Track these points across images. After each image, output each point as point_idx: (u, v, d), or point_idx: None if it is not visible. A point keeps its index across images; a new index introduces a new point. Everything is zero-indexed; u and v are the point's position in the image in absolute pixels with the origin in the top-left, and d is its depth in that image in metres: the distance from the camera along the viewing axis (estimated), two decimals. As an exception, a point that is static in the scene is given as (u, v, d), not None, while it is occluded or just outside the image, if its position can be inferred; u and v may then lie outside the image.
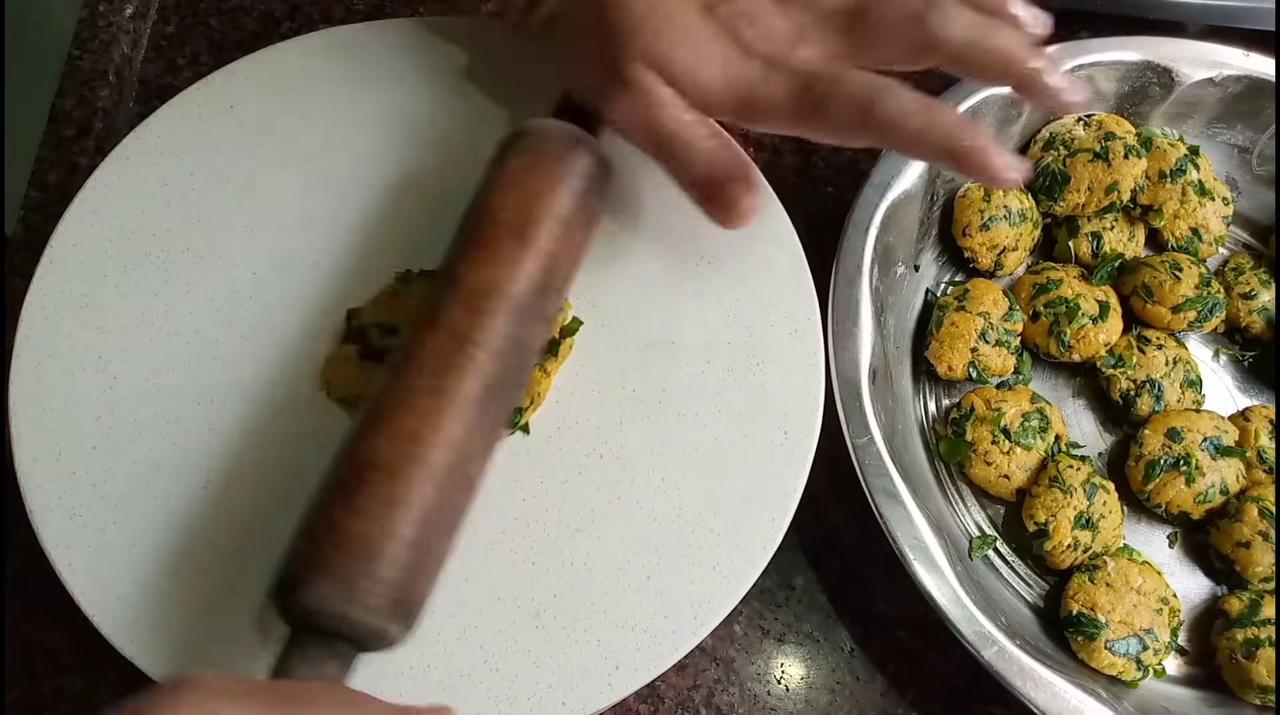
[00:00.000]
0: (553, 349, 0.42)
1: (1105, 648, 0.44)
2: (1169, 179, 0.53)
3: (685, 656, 0.38)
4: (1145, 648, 0.45)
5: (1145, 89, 0.55)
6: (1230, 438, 0.49)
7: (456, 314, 0.35)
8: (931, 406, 0.51)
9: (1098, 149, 0.52)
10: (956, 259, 0.54)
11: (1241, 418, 0.51)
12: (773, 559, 0.40)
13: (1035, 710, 0.41)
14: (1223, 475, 0.48)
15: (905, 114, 0.35)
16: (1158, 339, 0.52)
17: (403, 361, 0.35)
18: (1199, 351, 0.54)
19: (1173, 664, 0.48)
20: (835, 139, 0.37)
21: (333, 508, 0.32)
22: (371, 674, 0.36)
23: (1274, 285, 0.54)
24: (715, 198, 0.38)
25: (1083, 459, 0.48)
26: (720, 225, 0.38)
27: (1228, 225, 0.55)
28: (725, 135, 0.38)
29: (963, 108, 0.51)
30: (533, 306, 0.36)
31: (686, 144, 0.37)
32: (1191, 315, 0.51)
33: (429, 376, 0.34)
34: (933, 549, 0.43)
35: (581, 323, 0.43)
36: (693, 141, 0.37)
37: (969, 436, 0.48)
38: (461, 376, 0.34)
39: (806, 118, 0.36)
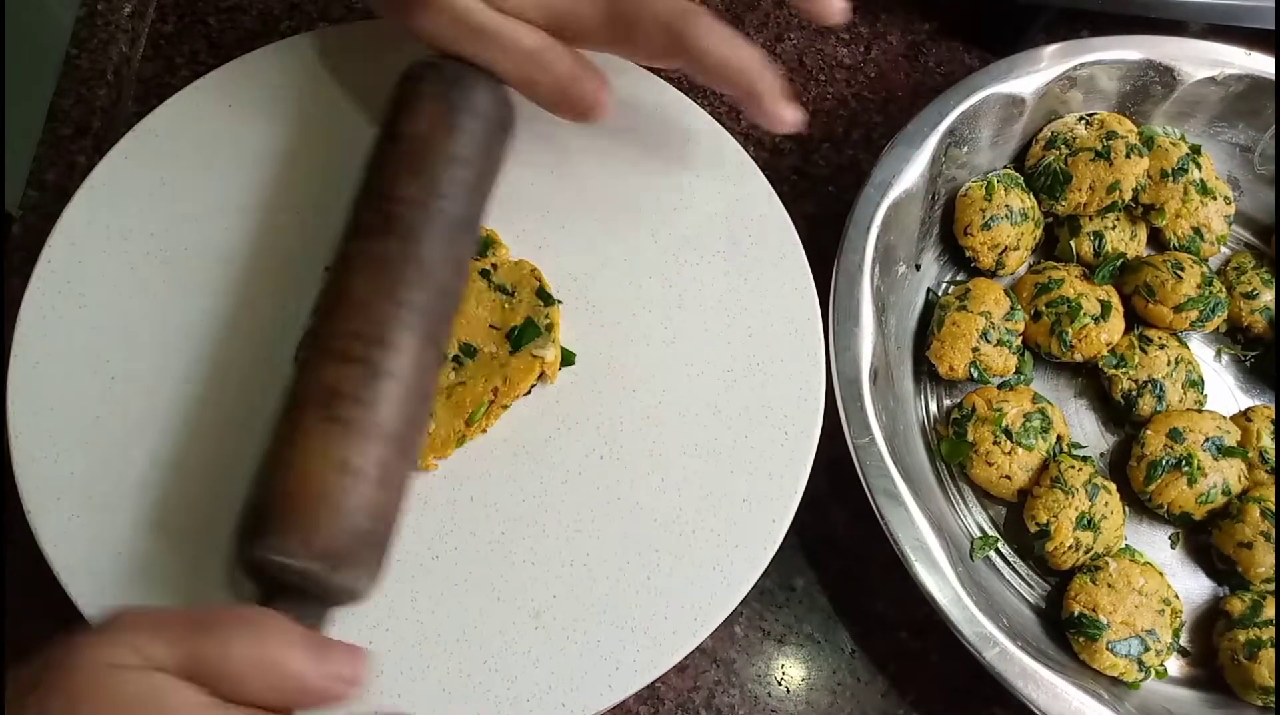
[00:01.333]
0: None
1: (1107, 649, 0.44)
2: (1171, 178, 0.52)
3: (685, 657, 0.38)
4: (1147, 649, 0.45)
5: (1147, 88, 0.55)
6: (1232, 438, 0.49)
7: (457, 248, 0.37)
8: (933, 406, 0.51)
9: (1099, 148, 0.52)
10: (958, 258, 0.53)
11: (1243, 418, 0.51)
12: (773, 560, 0.40)
13: (1037, 711, 0.41)
14: (1225, 475, 0.48)
15: (711, 43, 0.36)
16: (1160, 339, 0.51)
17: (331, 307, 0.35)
18: (1201, 351, 0.54)
19: (1174, 665, 0.48)
20: (645, 60, 0.38)
21: (283, 450, 0.33)
22: (373, 674, 0.36)
23: (1276, 285, 0.54)
24: (561, 99, 0.38)
25: (1084, 459, 0.48)
26: (577, 122, 0.39)
27: (1229, 224, 0.55)
28: (546, 36, 0.37)
29: (964, 107, 0.51)
30: (454, 218, 0.37)
31: (513, 46, 0.37)
32: (1193, 315, 0.51)
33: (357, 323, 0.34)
34: (934, 550, 0.43)
35: (575, 356, 0.42)
36: (518, 40, 0.37)
37: (970, 437, 0.48)
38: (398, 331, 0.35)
39: (619, 39, 0.37)
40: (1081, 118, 0.54)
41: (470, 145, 0.38)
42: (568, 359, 0.42)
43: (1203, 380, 0.52)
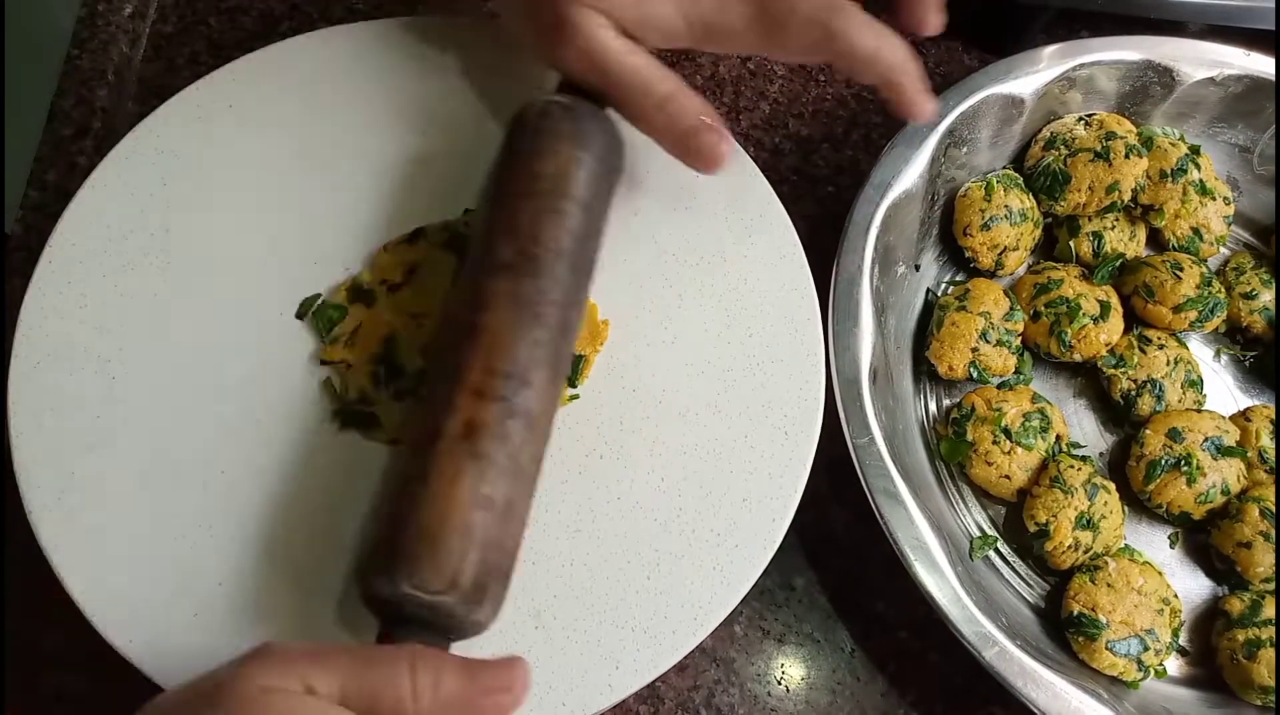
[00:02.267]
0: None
1: (1106, 648, 0.44)
2: (1170, 178, 0.52)
3: (685, 657, 0.38)
4: (1146, 648, 0.45)
5: (1146, 88, 0.55)
6: (1231, 438, 0.49)
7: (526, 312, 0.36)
8: (932, 406, 0.51)
9: (1099, 148, 0.52)
10: (957, 259, 0.53)
11: (1243, 418, 0.51)
12: (773, 559, 0.40)
13: (1036, 711, 0.41)
14: (1224, 475, 0.48)
15: (861, 39, 0.37)
16: (1159, 339, 0.51)
17: (464, 348, 0.35)
18: (1200, 351, 0.54)
19: (1174, 664, 0.48)
20: (793, 58, 0.39)
21: (414, 491, 0.33)
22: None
23: (1275, 285, 0.54)
24: (683, 147, 0.38)
25: (1084, 459, 0.48)
26: (698, 171, 0.39)
27: (1229, 225, 0.55)
28: (679, 80, 0.38)
29: (963, 107, 0.51)
30: (579, 259, 0.38)
31: (645, 89, 0.37)
32: (1192, 315, 0.51)
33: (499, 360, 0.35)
34: (933, 549, 0.43)
35: (578, 396, 0.42)
36: (651, 84, 0.37)
37: (970, 436, 0.48)
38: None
39: (768, 38, 0.37)
40: (1081, 118, 0.54)
41: (596, 188, 0.39)
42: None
43: (1202, 380, 0.52)
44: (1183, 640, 0.48)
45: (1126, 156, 0.51)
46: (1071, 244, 0.53)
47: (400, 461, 0.35)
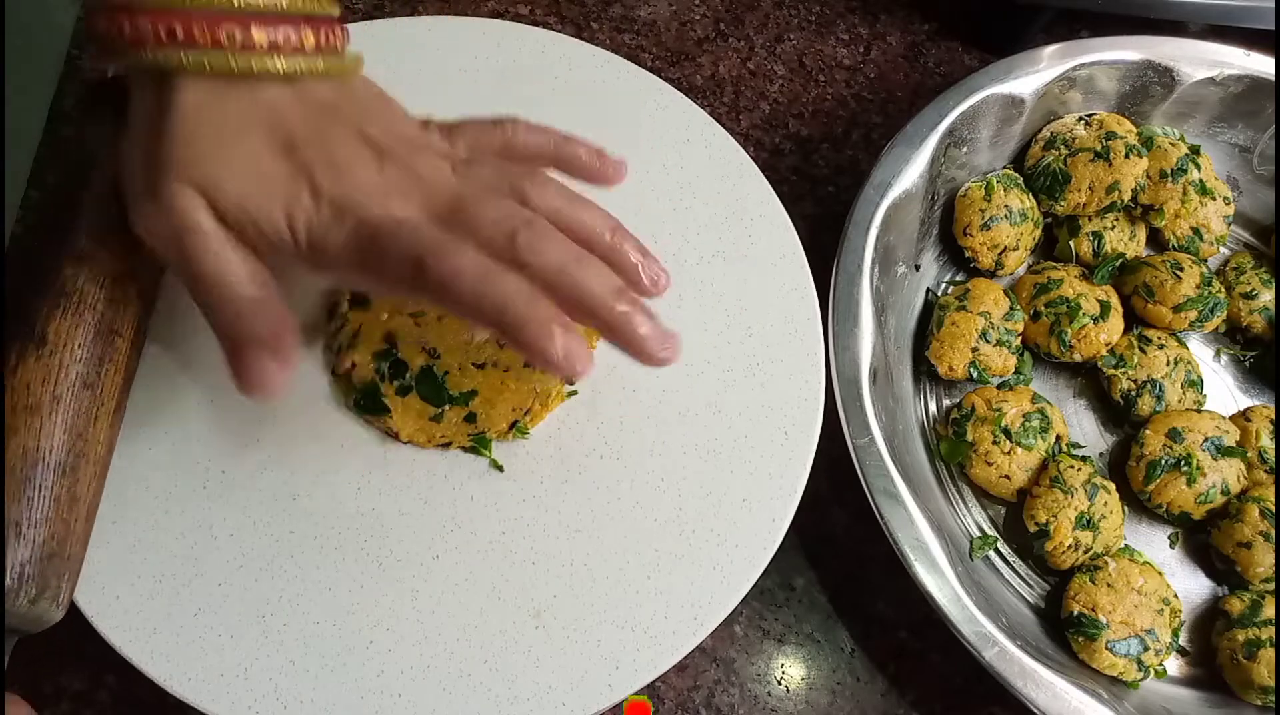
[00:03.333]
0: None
1: (1106, 648, 0.44)
2: (1170, 178, 0.52)
3: (685, 657, 0.38)
4: (1146, 648, 0.45)
5: (1146, 88, 0.55)
6: (1231, 438, 0.49)
7: (100, 299, 0.36)
8: (932, 406, 0.51)
9: (1099, 148, 0.52)
10: (957, 258, 0.53)
11: (1243, 418, 0.51)
12: (773, 559, 0.40)
13: (1036, 711, 0.41)
14: (1224, 475, 0.48)
15: (459, 275, 0.30)
16: (1159, 339, 0.51)
17: (54, 341, 0.35)
18: (1200, 351, 0.54)
19: (1174, 665, 0.48)
20: (397, 293, 0.33)
21: (14, 510, 0.33)
22: (374, 673, 0.36)
23: (1275, 285, 0.54)
24: (237, 360, 0.33)
25: (1084, 459, 0.48)
26: (240, 391, 0.33)
27: (1229, 225, 0.55)
28: (270, 287, 0.33)
29: (963, 107, 0.51)
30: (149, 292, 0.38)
31: (220, 287, 0.32)
32: (1193, 315, 0.51)
33: (83, 371, 0.35)
34: (933, 549, 0.43)
35: (576, 391, 0.42)
36: (228, 285, 0.32)
37: (970, 436, 0.48)
38: (110, 371, 0.36)
39: (367, 268, 0.32)
40: (1081, 118, 0.54)
41: None
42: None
43: (1202, 380, 0.52)
44: (1183, 640, 0.48)
45: (1126, 156, 0.51)
46: (1071, 244, 0.53)
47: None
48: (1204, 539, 0.49)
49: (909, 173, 0.49)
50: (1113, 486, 0.48)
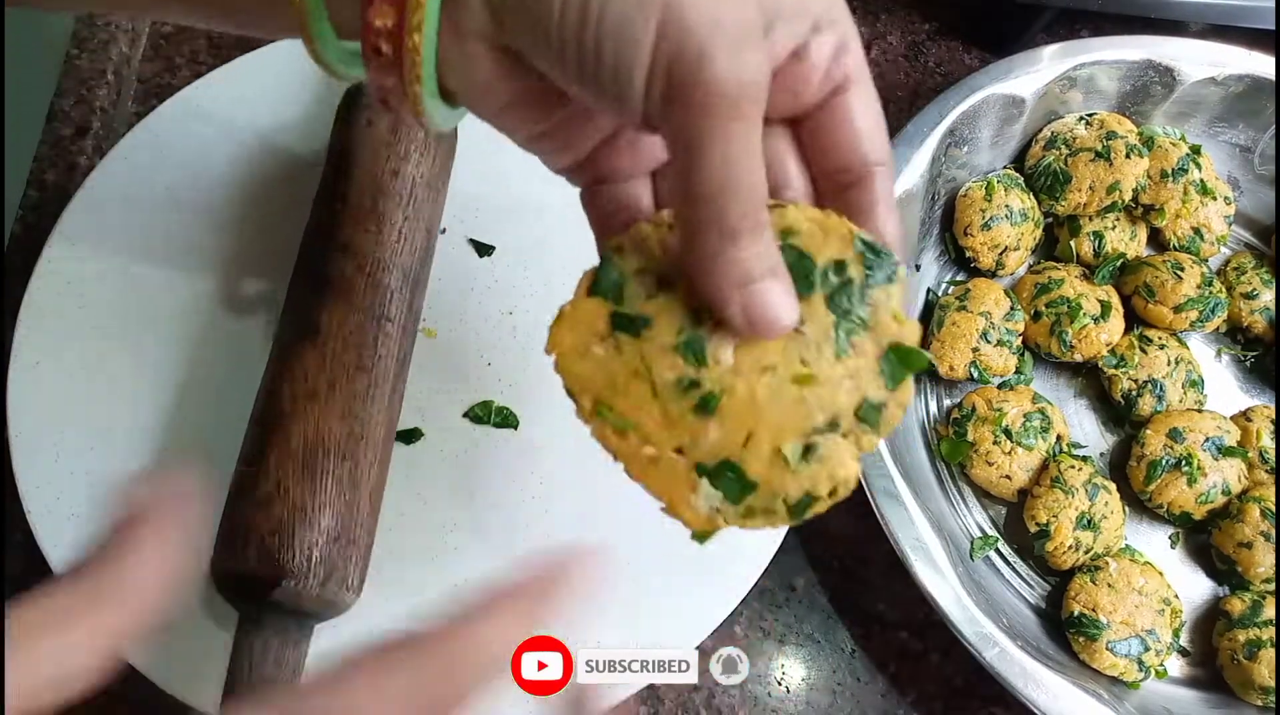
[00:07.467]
0: None
1: (1107, 649, 0.44)
2: (1171, 178, 0.52)
3: (685, 657, 0.38)
4: (1147, 649, 0.45)
5: (1147, 88, 0.55)
6: (1232, 438, 0.49)
7: (363, 286, 0.37)
8: (933, 406, 0.51)
9: (1099, 148, 0.52)
10: (958, 258, 0.53)
11: (1243, 418, 0.51)
12: (773, 560, 0.40)
13: (1036, 711, 0.41)
14: (1224, 475, 0.48)
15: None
16: (1160, 339, 0.51)
17: (326, 330, 0.36)
18: (1201, 351, 0.54)
19: (1174, 665, 0.47)
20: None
21: (298, 494, 0.34)
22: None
23: (1275, 285, 0.54)
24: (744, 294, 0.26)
25: (1084, 459, 0.48)
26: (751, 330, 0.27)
27: (1229, 225, 0.55)
28: None
29: (964, 106, 0.51)
30: (420, 275, 0.39)
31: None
32: (1193, 315, 0.51)
33: (354, 355, 0.36)
34: (934, 550, 0.43)
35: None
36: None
37: (970, 437, 0.48)
38: (384, 354, 0.36)
39: None
40: (1081, 118, 0.54)
41: None
42: None
43: (1202, 380, 0.51)
44: (1183, 641, 0.48)
45: (1127, 156, 0.51)
46: (1072, 244, 0.53)
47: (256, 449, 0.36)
48: (1205, 539, 0.49)
49: (909, 172, 0.49)
50: (1113, 487, 0.48)
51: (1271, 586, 0.47)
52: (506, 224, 0.44)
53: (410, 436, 0.40)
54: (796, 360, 0.28)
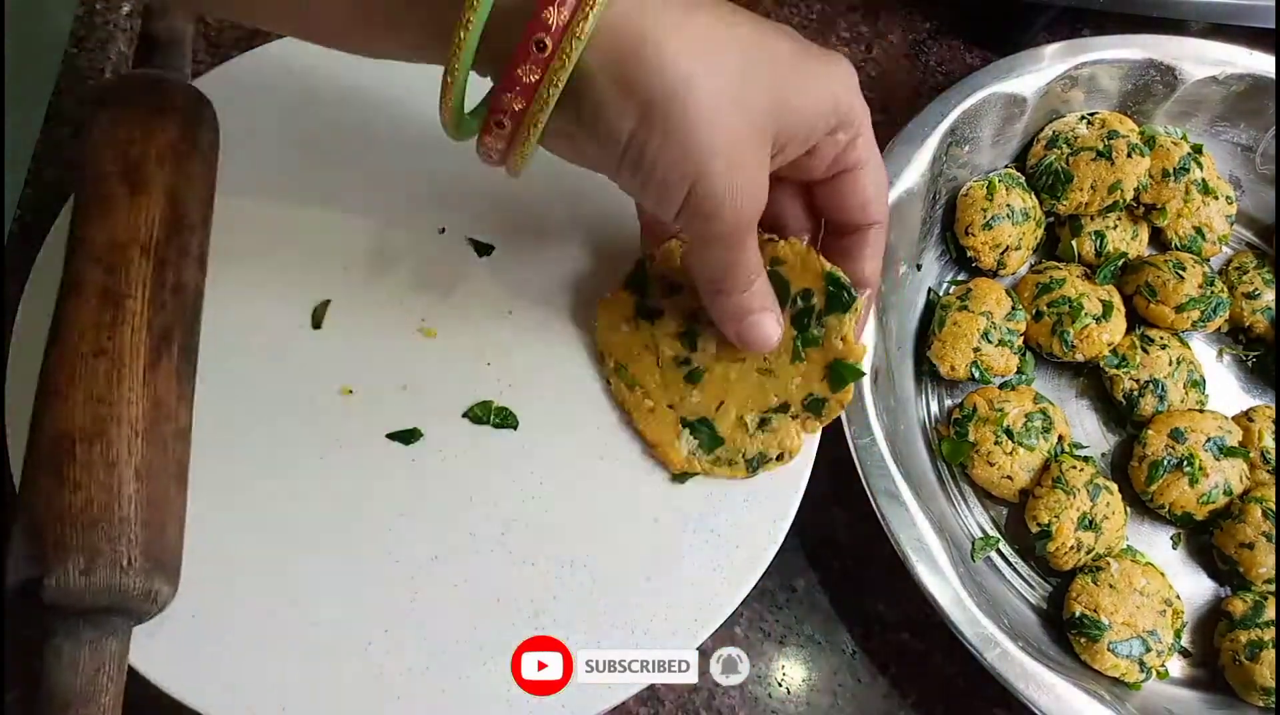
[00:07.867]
0: None
1: (1108, 649, 0.44)
2: (1172, 178, 0.52)
3: (686, 658, 0.38)
4: (1148, 649, 0.45)
5: (1148, 87, 0.55)
6: (1234, 438, 0.49)
7: (98, 273, 0.36)
8: (934, 407, 0.51)
9: (1101, 147, 0.51)
10: (959, 258, 0.53)
11: (1245, 418, 0.51)
12: (774, 560, 0.40)
13: (1038, 712, 0.41)
14: (1226, 476, 0.48)
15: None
16: (1161, 339, 0.51)
17: (62, 328, 0.36)
18: (1202, 351, 0.54)
19: (1176, 666, 0.47)
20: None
21: (47, 486, 0.33)
22: (372, 675, 0.36)
23: (1277, 284, 0.54)
24: (742, 325, 0.37)
25: (1086, 460, 0.48)
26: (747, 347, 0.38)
27: (1231, 224, 0.55)
28: None
29: (965, 105, 0.51)
30: (171, 248, 0.38)
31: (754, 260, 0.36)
32: (1195, 315, 0.51)
33: (90, 341, 0.35)
34: (935, 550, 0.43)
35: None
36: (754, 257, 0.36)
37: (971, 437, 0.48)
38: (123, 333, 0.36)
39: None
40: (1083, 117, 0.54)
41: None
42: None
43: (1204, 380, 0.51)
44: (1185, 641, 0.48)
45: (1129, 155, 0.51)
46: (1074, 243, 0.53)
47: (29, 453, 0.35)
48: (1206, 540, 0.49)
49: (910, 171, 0.49)
50: (1115, 487, 0.48)
51: (1273, 587, 0.47)
52: (506, 224, 0.44)
53: (409, 437, 0.40)
54: (762, 357, 0.39)
